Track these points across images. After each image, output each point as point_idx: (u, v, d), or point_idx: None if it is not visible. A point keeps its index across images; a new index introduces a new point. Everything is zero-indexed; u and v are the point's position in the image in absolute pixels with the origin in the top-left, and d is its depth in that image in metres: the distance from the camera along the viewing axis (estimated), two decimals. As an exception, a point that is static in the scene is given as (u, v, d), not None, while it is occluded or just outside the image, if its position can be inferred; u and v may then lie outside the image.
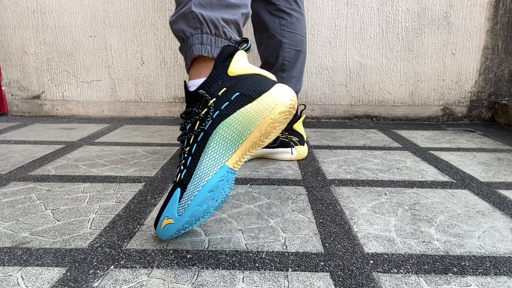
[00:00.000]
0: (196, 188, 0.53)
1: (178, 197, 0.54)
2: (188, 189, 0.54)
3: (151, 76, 1.57)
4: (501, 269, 0.52)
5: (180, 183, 0.54)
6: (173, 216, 0.54)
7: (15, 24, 1.53)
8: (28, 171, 0.90)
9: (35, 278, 0.49)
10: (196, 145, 0.55)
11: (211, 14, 0.58)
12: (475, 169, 0.95)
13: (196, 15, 0.58)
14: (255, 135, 0.54)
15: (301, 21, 1.00)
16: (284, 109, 0.53)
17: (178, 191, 0.54)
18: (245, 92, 0.54)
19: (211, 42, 0.58)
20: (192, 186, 0.54)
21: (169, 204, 0.55)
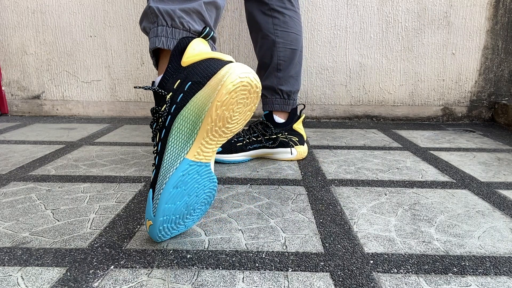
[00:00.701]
0: (161, 186, 0.52)
1: (151, 197, 0.53)
2: (156, 188, 0.53)
3: (151, 76, 1.57)
4: (501, 269, 0.52)
5: (152, 183, 0.54)
6: (150, 217, 0.53)
7: (15, 24, 1.53)
8: (28, 171, 0.90)
9: (35, 278, 0.49)
10: (161, 143, 0.53)
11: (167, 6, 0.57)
12: (475, 169, 0.95)
13: (153, 9, 0.57)
14: (207, 122, 0.50)
15: (295, 19, 1.00)
16: (232, 87, 0.49)
17: (150, 192, 0.54)
18: (195, 80, 0.51)
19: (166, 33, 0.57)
20: (158, 185, 0.52)
21: (147, 206, 0.54)
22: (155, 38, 0.57)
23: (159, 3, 0.58)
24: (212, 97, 0.49)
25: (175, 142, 0.52)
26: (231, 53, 1.54)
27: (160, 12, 0.57)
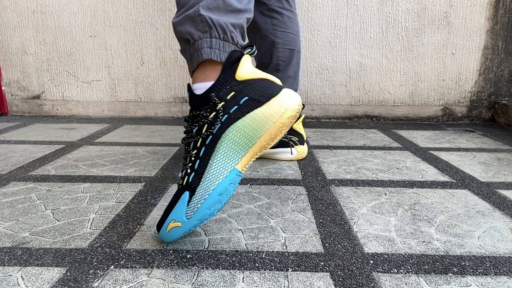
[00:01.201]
0: (206, 192, 0.53)
1: (187, 200, 0.53)
2: (197, 193, 0.53)
3: (151, 76, 1.57)
4: (501, 269, 0.52)
5: (188, 186, 0.54)
6: (181, 219, 0.53)
7: (15, 24, 1.53)
8: (28, 171, 0.90)
9: (35, 278, 0.49)
10: (204, 148, 0.55)
11: (220, 19, 0.58)
12: (475, 169, 0.95)
13: (205, 18, 0.57)
14: (264, 139, 0.55)
15: (293, 19, 1.00)
16: (292, 113, 0.54)
17: (186, 194, 0.54)
18: (253, 97, 0.55)
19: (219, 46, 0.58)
20: (201, 189, 0.53)
21: (176, 207, 0.54)
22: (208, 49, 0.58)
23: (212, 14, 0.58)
24: (275, 118, 0.54)
25: (226, 151, 0.55)
26: (231, 53, 1.53)
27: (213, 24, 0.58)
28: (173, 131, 1.36)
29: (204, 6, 0.58)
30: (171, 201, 0.55)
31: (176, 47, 1.54)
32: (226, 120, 0.55)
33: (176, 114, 1.61)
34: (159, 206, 0.72)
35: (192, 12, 0.58)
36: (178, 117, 1.61)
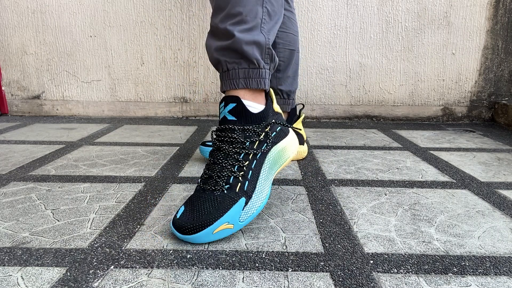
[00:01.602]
0: (259, 199, 0.61)
1: (243, 205, 0.59)
2: (252, 199, 0.60)
3: (151, 76, 1.57)
4: (501, 269, 0.52)
5: (245, 193, 0.59)
6: (235, 222, 0.58)
7: (15, 24, 1.53)
8: (28, 171, 0.90)
9: (35, 278, 0.49)
10: (256, 161, 0.62)
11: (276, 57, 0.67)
12: (475, 169, 0.95)
13: (272, 53, 0.66)
14: (288, 161, 0.68)
15: (292, 20, 1.00)
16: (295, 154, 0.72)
17: (243, 200, 0.59)
18: (282, 129, 0.67)
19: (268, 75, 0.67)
20: (255, 196, 0.60)
21: (231, 211, 0.57)
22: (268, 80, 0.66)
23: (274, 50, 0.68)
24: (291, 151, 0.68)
25: (268, 166, 0.64)
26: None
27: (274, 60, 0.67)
28: (173, 131, 1.36)
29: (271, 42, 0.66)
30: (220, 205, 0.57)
31: (176, 47, 1.54)
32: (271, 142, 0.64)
33: (176, 114, 1.61)
34: (159, 206, 0.72)
35: (263, 41, 0.64)
36: (178, 117, 1.61)
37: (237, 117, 0.61)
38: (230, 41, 0.62)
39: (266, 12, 0.65)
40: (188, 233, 0.56)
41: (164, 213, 0.69)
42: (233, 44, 0.62)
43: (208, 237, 0.56)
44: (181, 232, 0.56)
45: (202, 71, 1.56)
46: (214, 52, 0.65)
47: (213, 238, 0.56)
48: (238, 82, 0.63)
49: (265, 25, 0.65)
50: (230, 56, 0.63)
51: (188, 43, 1.53)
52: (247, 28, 0.63)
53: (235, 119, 0.61)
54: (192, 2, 1.50)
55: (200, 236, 0.56)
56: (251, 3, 0.63)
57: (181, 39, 1.53)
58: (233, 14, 0.63)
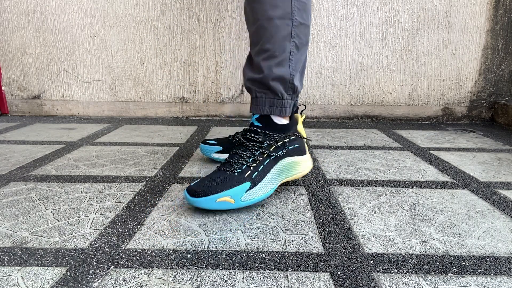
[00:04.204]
0: (261, 190, 0.70)
1: (247, 188, 0.68)
2: (256, 187, 0.69)
3: (151, 76, 1.57)
4: (501, 269, 0.52)
5: (252, 180, 0.69)
6: (237, 199, 0.67)
7: (15, 24, 1.53)
8: (28, 171, 0.90)
9: (35, 278, 0.49)
10: (269, 161, 0.72)
11: (300, 86, 0.77)
12: (475, 169, 0.95)
13: (295, 87, 0.76)
14: (293, 176, 0.76)
15: None
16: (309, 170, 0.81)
17: (248, 184, 0.68)
18: (300, 147, 0.77)
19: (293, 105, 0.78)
20: (259, 187, 0.69)
21: (236, 188, 0.67)
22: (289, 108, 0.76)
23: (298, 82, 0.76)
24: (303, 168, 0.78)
25: (278, 171, 0.73)
26: (231, 53, 1.54)
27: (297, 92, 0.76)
28: (173, 131, 1.36)
29: (296, 76, 0.76)
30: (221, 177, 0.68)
31: (176, 47, 1.54)
32: (285, 152, 0.74)
33: (176, 114, 1.61)
34: (159, 206, 0.72)
35: (288, 78, 0.75)
36: (178, 117, 1.61)
37: (262, 123, 0.75)
38: (261, 75, 0.74)
39: (294, 46, 0.74)
40: (196, 195, 0.66)
41: (164, 213, 0.69)
42: (263, 79, 0.74)
43: (211, 204, 0.66)
44: (191, 194, 0.66)
45: (202, 71, 1.56)
46: (247, 81, 0.78)
47: (215, 206, 0.66)
48: (264, 108, 0.75)
49: (293, 57, 0.75)
50: (259, 87, 0.75)
51: (188, 43, 1.53)
52: (276, 62, 0.73)
53: (260, 125, 0.75)
54: (192, 2, 1.50)
55: (205, 201, 0.65)
56: (280, 39, 0.73)
57: (181, 39, 1.53)
58: (264, 49, 0.74)
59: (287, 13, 0.72)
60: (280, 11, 0.71)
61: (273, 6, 0.71)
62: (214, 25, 1.51)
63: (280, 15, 0.72)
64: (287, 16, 0.72)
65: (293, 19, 0.72)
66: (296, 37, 0.74)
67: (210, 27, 1.52)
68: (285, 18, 0.72)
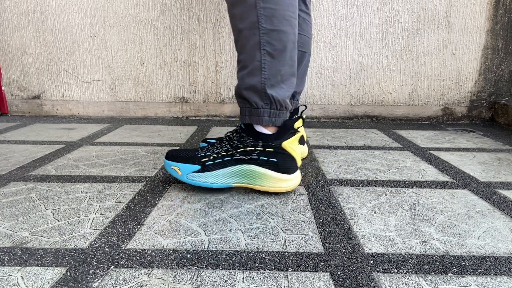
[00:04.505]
0: (207, 179, 0.77)
1: (195, 170, 0.76)
2: (203, 174, 0.76)
3: (151, 76, 1.57)
4: (501, 269, 0.52)
5: (203, 165, 0.76)
6: (183, 173, 0.77)
7: (15, 24, 1.53)
8: (28, 171, 0.90)
9: (35, 278, 0.49)
10: (229, 159, 0.76)
11: (279, 95, 0.74)
12: (475, 169, 0.95)
13: (269, 96, 0.74)
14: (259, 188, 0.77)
15: (308, 22, 1.00)
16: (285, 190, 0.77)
17: (197, 167, 0.77)
18: (278, 164, 0.75)
19: (276, 115, 0.75)
20: (205, 175, 0.76)
21: (188, 166, 0.77)
22: (268, 118, 0.75)
23: (274, 91, 0.74)
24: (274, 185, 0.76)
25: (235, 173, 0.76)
26: (231, 53, 1.54)
27: (274, 100, 0.74)
28: (173, 131, 1.36)
29: (269, 85, 0.74)
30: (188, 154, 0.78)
31: (176, 47, 1.54)
32: (252, 159, 0.75)
33: (176, 114, 1.61)
34: (159, 206, 0.72)
35: (259, 88, 0.74)
36: (178, 117, 1.61)
37: (246, 127, 0.77)
38: (236, 86, 0.77)
39: (266, 54, 0.73)
40: (166, 158, 0.80)
41: (164, 213, 0.69)
42: (238, 89, 0.76)
43: (167, 167, 0.79)
44: (165, 156, 0.80)
45: (202, 71, 1.56)
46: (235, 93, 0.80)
47: (169, 170, 0.79)
48: (245, 118, 0.77)
49: (266, 65, 0.73)
50: (238, 97, 0.77)
51: (188, 43, 1.53)
52: (247, 72, 0.74)
53: (244, 128, 0.77)
54: (192, 2, 1.50)
55: (166, 163, 0.79)
56: (249, 49, 0.73)
57: (181, 39, 1.53)
58: (239, 61, 0.76)
59: (254, 23, 0.72)
60: (247, 22, 0.72)
61: (241, 18, 0.73)
62: (214, 25, 1.51)
63: (248, 26, 0.72)
64: (254, 25, 0.72)
65: (260, 28, 0.72)
66: (266, 45, 0.72)
67: (210, 27, 1.52)
68: (252, 28, 0.72)
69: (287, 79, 0.75)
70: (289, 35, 0.73)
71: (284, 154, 0.76)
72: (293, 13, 0.73)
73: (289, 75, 0.76)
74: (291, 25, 0.73)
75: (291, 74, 0.76)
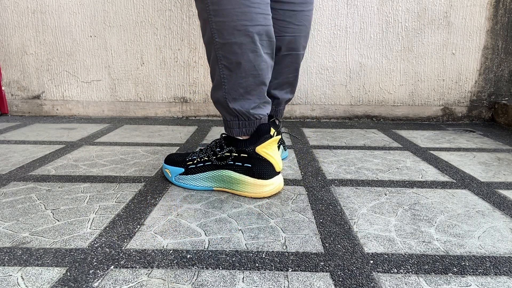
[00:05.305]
0: (188, 182, 0.81)
1: (180, 172, 0.81)
2: (186, 177, 0.81)
3: (151, 76, 1.57)
4: (501, 269, 0.52)
5: (186, 168, 0.81)
6: (172, 175, 0.82)
7: (15, 24, 1.53)
8: (28, 171, 0.90)
9: (35, 278, 0.49)
10: (209, 164, 0.79)
11: (243, 108, 0.74)
12: (475, 169, 0.95)
13: (232, 110, 0.74)
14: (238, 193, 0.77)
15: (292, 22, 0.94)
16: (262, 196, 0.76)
17: (182, 170, 0.81)
18: (253, 169, 0.75)
19: (246, 125, 0.75)
20: (187, 178, 0.81)
21: (175, 168, 0.82)
22: (237, 129, 0.76)
23: (236, 104, 0.74)
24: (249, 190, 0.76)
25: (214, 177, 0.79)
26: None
27: (238, 113, 0.74)
28: (173, 131, 1.36)
29: (231, 99, 0.74)
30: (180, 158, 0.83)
31: (176, 47, 1.54)
32: (228, 165, 0.77)
33: (176, 114, 1.61)
34: (159, 206, 0.72)
35: (223, 102, 0.75)
36: (178, 117, 1.61)
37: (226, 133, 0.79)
38: None
39: (223, 68, 0.72)
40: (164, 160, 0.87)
41: (164, 213, 0.69)
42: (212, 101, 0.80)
43: (163, 168, 0.85)
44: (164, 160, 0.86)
45: (202, 71, 1.56)
46: None
47: (163, 171, 0.85)
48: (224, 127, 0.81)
49: (226, 79, 0.72)
50: None
51: (188, 43, 1.53)
52: (213, 87, 0.76)
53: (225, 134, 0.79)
54: (192, 2, 1.50)
55: (163, 165, 0.85)
56: (211, 64, 0.74)
57: (181, 39, 1.53)
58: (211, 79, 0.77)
59: (210, 37, 0.70)
60: (206, 37, 0.71)
61: (203, 33, 0.72)
62: (214, 25, 1.51)
63: (207, 41, 0.72)
64: (210, 40, 0.70)
65: (214, 42, 0.70)
66: (222, 59, 0.70)
67: (210, 27, 1.51)
68: (210, 43, 0.71)
69: (253, 90, 0.73)
70: (245, 45, 0.69)
71: (259, 159, 0.75)
72: (249, 21, 0.68)
73: (255, 85, 0.72)
74: (246, 35, 0.68)
75: (257, 84, 0.72)
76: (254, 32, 0.69)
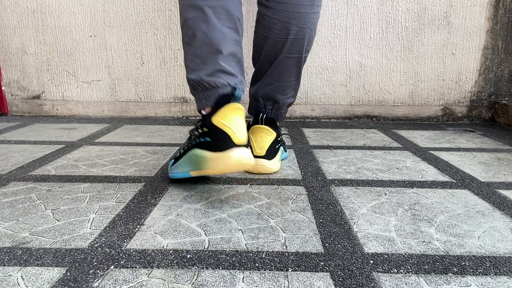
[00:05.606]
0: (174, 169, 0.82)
1: (172, 163, 0.84)
2: (173, 166, 0.82)
3: (151, 76, 1.57)
4: (501, 269, 0.52)
5: (175, 157, 0.83)
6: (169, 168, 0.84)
7: (15, 24, 1.53)
8: (28, 171, 0.90)
9: (35, 278, 0.49)
10: (187, 149, 0.78)
11: (198, 77, 0.74)
12: (475, 169, 0.95)
13: (190, 80, 0.76)
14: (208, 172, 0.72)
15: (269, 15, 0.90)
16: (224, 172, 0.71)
17: (172, 161, 0.84)
18: (211, 142, 0.71)
19: (205, 97, 0.74)
20: (174, 166, 0.82)
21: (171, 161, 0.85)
22: (199, 101, 0.76)
23: (193, 74, 0.75)
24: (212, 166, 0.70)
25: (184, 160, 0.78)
26: (231, 53, 1.53)
27: (194, 83, 0.75)
28: (173, 131, 1.36)
29: (190, 70, 0.76)
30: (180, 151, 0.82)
31: (176, 47, 1.54)
32: (197, 143, 0.74)
33: (176, 114, 1.61)
34: (159, 206, 0.72)
35: (186, 77, 0.77)
36: (178, 117, 1.61)
37: None
38: None
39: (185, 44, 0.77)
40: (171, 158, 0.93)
41: (164, 213, 0.69)
42: None
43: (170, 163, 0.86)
44: None
45: (202, 71, 1.56)
46: None
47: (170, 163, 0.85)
48: None
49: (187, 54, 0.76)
50: None
51: (188, 43, 1.53)
52: None
53: None
54: (192, 2, 1.49)
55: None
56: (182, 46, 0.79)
57: (181, 39, 1.53)
58: None
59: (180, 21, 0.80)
60: None
61: None
62: (214, 25, 1.51)
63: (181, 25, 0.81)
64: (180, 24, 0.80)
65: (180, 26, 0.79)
66: (184, 37, 0.77)
67: (210, 27, 1.51)
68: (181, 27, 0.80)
69: (209, 59, 0.74)
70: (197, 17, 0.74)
71: (216, 130, 0.70)
72: None
73: (209, 53, 0.73)
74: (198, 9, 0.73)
75: (211, 52, 0.73)
76: (206, 5, 0.74)
